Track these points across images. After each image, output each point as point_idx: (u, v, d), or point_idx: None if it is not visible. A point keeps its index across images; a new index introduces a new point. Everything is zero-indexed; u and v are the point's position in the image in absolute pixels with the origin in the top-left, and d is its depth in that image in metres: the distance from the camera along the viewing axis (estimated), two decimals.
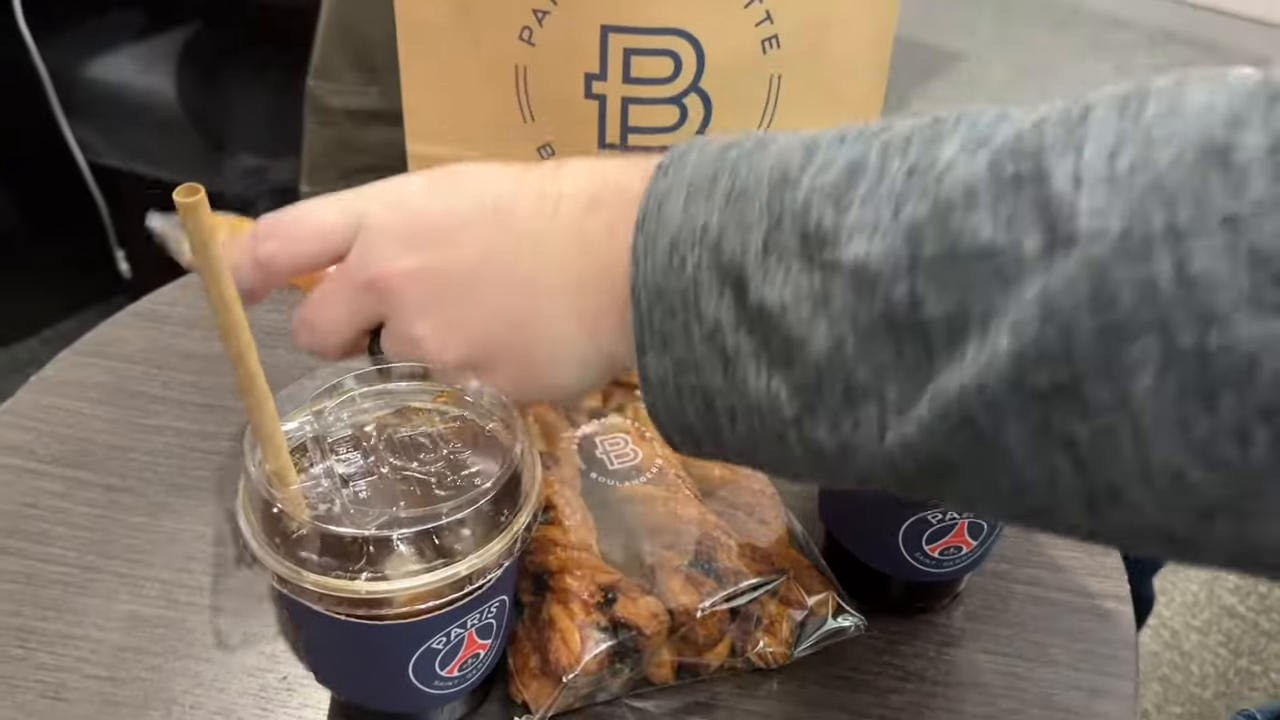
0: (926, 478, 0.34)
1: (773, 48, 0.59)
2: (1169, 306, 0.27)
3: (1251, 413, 0.27)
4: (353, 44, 1.02)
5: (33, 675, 0.52)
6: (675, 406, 0.39)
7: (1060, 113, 0.31)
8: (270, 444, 0.42)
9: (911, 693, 0.54)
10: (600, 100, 0.59)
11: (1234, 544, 0.29)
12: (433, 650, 0.45)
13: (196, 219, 0.35)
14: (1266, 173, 0.26)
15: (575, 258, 0.43)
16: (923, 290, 0.31)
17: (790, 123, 0.61)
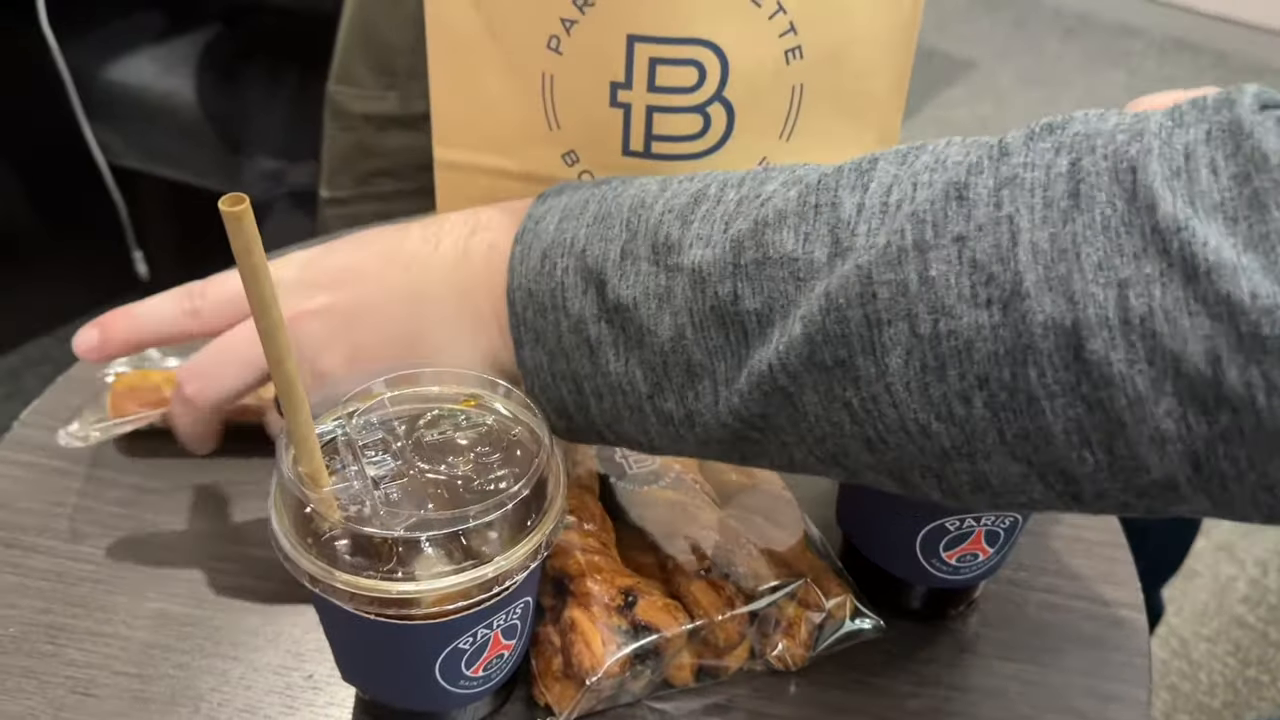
0: (751, 436, 0.43)
1: (795, 58, 0.60)
2: (913, 301, 0.37)
3: (971, 381, 0.36)
4: (373, 50, 1.03)
5: (63, 671, 0.53)
6: (551, 390, 0.48)
7: (854, 163, 0.41)
8: (304, 446, 0.43)
9: (928, 697, 0.55)
10: (625, 108, 0.60)
11: (970, 477, 0.39)
12: (459, 650, 0.46)
13: (240, 227, 0.36)
14: (988, 204, 0.36)
15: (456, 271, 0.51)
16: (741, 289, 0.41)
17: (811, 131, 0.62)
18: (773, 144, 0.62)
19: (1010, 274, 0.35)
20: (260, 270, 0.37)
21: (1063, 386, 0.35)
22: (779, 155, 0.63)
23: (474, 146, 0.63)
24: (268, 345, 0.39)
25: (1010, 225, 0.35)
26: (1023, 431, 0.36)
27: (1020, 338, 0.35)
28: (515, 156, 0.63)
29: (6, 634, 0.54)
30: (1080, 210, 0.34)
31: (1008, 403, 0.36)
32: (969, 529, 0.53)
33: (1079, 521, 0.65)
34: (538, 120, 0.61)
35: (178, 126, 1.29)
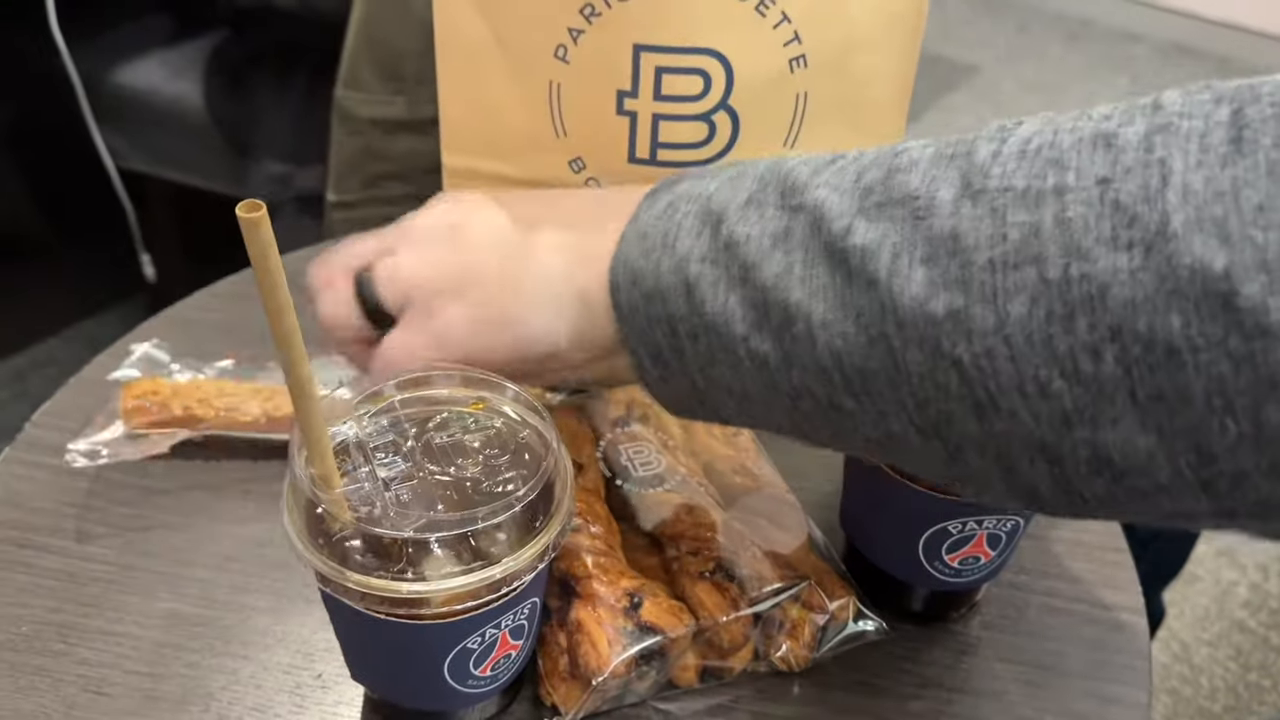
0: (845, 405, 0.40)
1: (800, 67, 0.60)
2: (1045, 244, 0.34)
3: (1102, 332, 0.33)
4: (380, 55, 1.03)
5: (74, 670, 0.54)
6: (646, 334, 0.45)
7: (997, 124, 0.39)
8: (316, 448, 0.43)
9: (930, 699, 0.55)
10: (631, 117, 0.61)
11: (1090, 452, 0.35)
12: (468, 650, 0.47)
13: (257, 233, 0.36)
14: (1138, 149, 0.33)
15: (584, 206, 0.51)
16: (855, 224, 0.38)
17: (815, 138, 0.63)
18: (777, 152, 0.63)
19: (1157, 214, 0.32)
20: (276, 275, 0.37)
21: (1207, 339, 0.31)
22: None
23: (481, 153, 0.63)
24: (284, 348, 0.39)
25: (1161, 168, 0.32)
26: (1157, 392, 0.32)
27: (1163, 283, 0.32)
28: (521, 163, 0.63)
29: (19, 633, 0.55)
30: (1242, 155, 0.31)
31: (1142, 357, 0.32)
32: (971, 532, 0.53)
33: (1079, 525, 0.65)
34: (544, 128, 0.62)
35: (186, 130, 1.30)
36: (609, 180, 0.63)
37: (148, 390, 0.64)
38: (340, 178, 1.10)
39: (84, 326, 1.67)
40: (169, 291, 0.78)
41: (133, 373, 0.66)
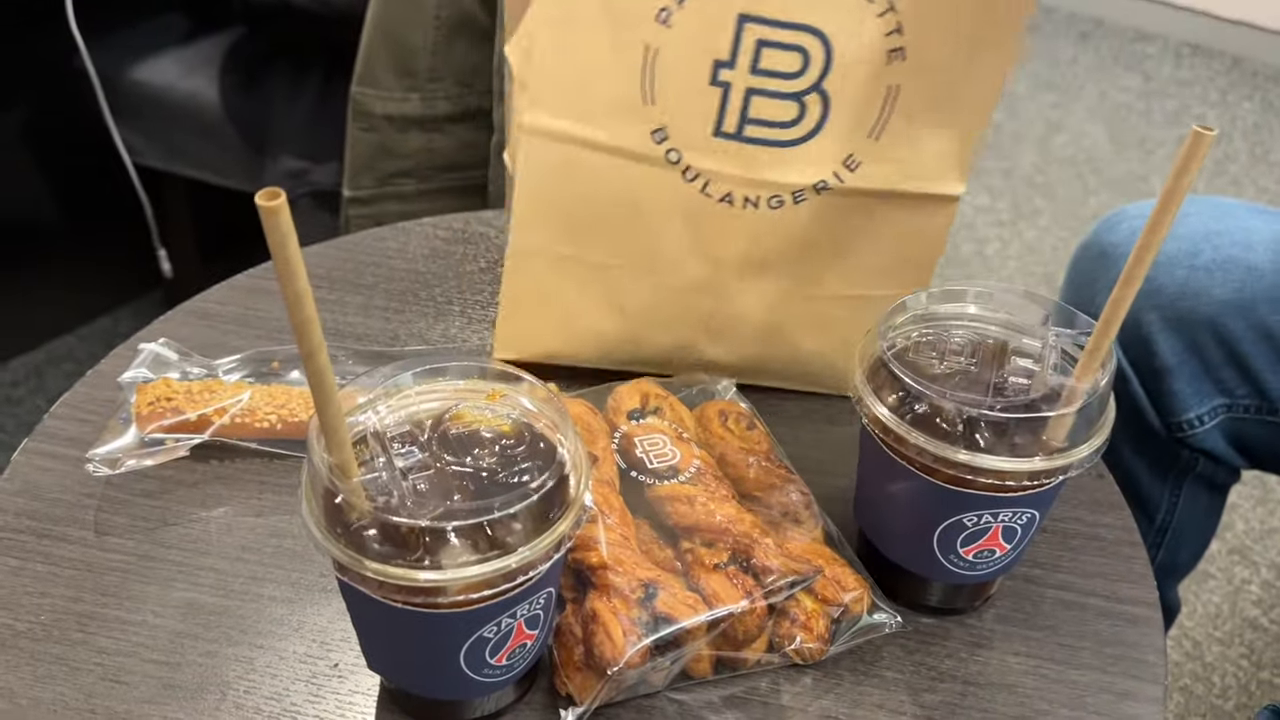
0: None
1: (898, 59, 0.61)
2: None
3: None
4: (395, 52, 1.04)
5: (93, 659, 0.54)
6: None
7: None
8: (334, 437, 0.43)
9: (944, 692, 0.55)
10: (724, 88, 0.61)
11: None
12: (484, 639, 0.47)
13: (276, 221, 0.36)
14: None
15: None
16: None
17: (899, 132, 0.63)
18: (861, 142, 0.63)
19: None
20: (295, 263, 0.38)
21: None
22: (865, 153, 0.64)
23: (564, 114, 0.63)
24: (301, 338, 0.40)
25: None
26: None
27: None
28: (606, 128, 0.63)
29: (38, 622, 0.55)
30: None
31: None
32: (986, 525, 0.53)
33: (1095, 519, 0.65)
34: (633, 93, 0.62)
35: (202, 127, 1.30)
36: (689, 153, 0.63)
37: (161, 394, 0.64)
38: (355, 174, 1.10)
39: (101, 323, 1.67)
40: (185, 287, 0.78)
41: (142, 372, 0.66)
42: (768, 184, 0.64)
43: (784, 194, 0.64)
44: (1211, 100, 2.68)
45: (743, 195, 0.65)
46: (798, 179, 0.64)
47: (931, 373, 0.54)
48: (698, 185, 0.64)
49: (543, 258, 0.68)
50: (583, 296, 0.69)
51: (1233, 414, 0.90)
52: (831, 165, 0.64)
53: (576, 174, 0.64)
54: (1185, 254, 0.88)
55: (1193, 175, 0.45)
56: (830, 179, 0.64)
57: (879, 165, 0.64)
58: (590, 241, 0.67)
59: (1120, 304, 0.48)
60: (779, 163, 0.64)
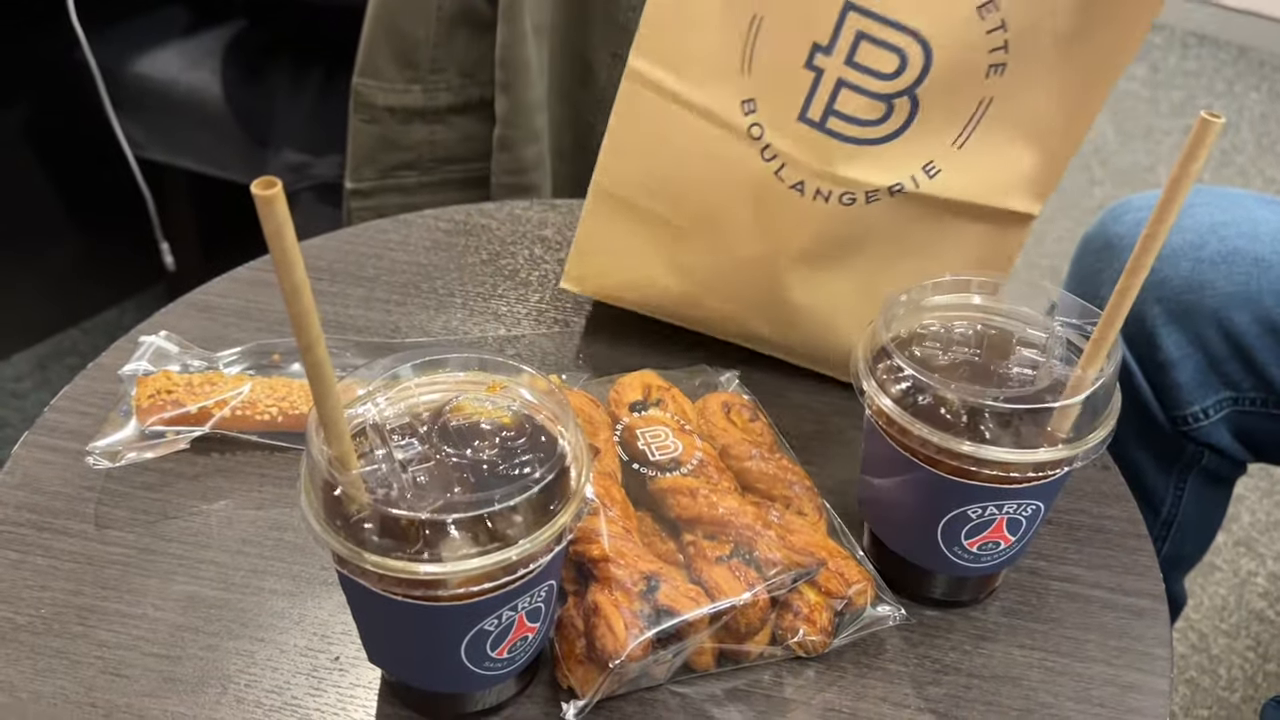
0: None
1: (996, 74, 0.60)
2: None
3: None
4: (396, 43, 1.03)
5: (93, 652, 0.54)
6: None
7: None
8: (333, 430, 0.43)
9: (948, 685, 0.55)
10: (817, 73, 0.61)
11: None
12: (484, 632, 0.47)
13: (272, 211, 0.36)
14: None
15: None
16: None
17: (984, 144, 0.62)
18: (944, 150, 0.62)
19: None
20: (291, 253, 0.37)
21: None
22: (946, 161, 0.62)
23: (665, 64, 0.64)
24: (299, 330, 0.39)
25: None
26: None
27: None
28: (701, 88, 0.64)
29: (38, 615, 0.55)
30: None
31: None
32: (990, 517, 0.53)
33: (1100, 511, 0.65)
34: (733, 59, 0.62)
35: (204, 120, 1.30)
36: (772, 132, 0.63)
37: (161, 387, 0.63)
38: (357, 166, 1.10)
39: (104, 316, 1.67)
40: (188, 281, 0.78)
41: (143, 365, 0.66)
42: (842, 180, 0.63)
43: (857, 192, 0.63)
44: (1218, 90, 2.66)
45: (815, 187, 0.64)
46: (874, 179, 0.63)
47: (936, 363, 0.53)
48: (773, 166, 0.64)
49: (619, 202, 0.69)
50: (649, 248, 0.70)
51: (1239, 407, 0.89)
52: (910, 169, 0.63)
53: (663, 127, 0.65)
54: (1190, 246, 0.88)
55: (1200, 163, 0.44)
56: (907, 182, 0.63)
57: (958, 175, 0.63)
58: (663, 197, 0.68)
59: (1126, 294, 0.48)
60: (856, 160, 0.62)
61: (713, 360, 0.72)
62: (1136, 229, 0.91)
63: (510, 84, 1.03)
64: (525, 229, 0.84)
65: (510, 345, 0.74)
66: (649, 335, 0.75)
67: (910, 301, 0.56)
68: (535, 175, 1.09)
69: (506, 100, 1.04)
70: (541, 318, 0.76)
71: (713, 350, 0.74)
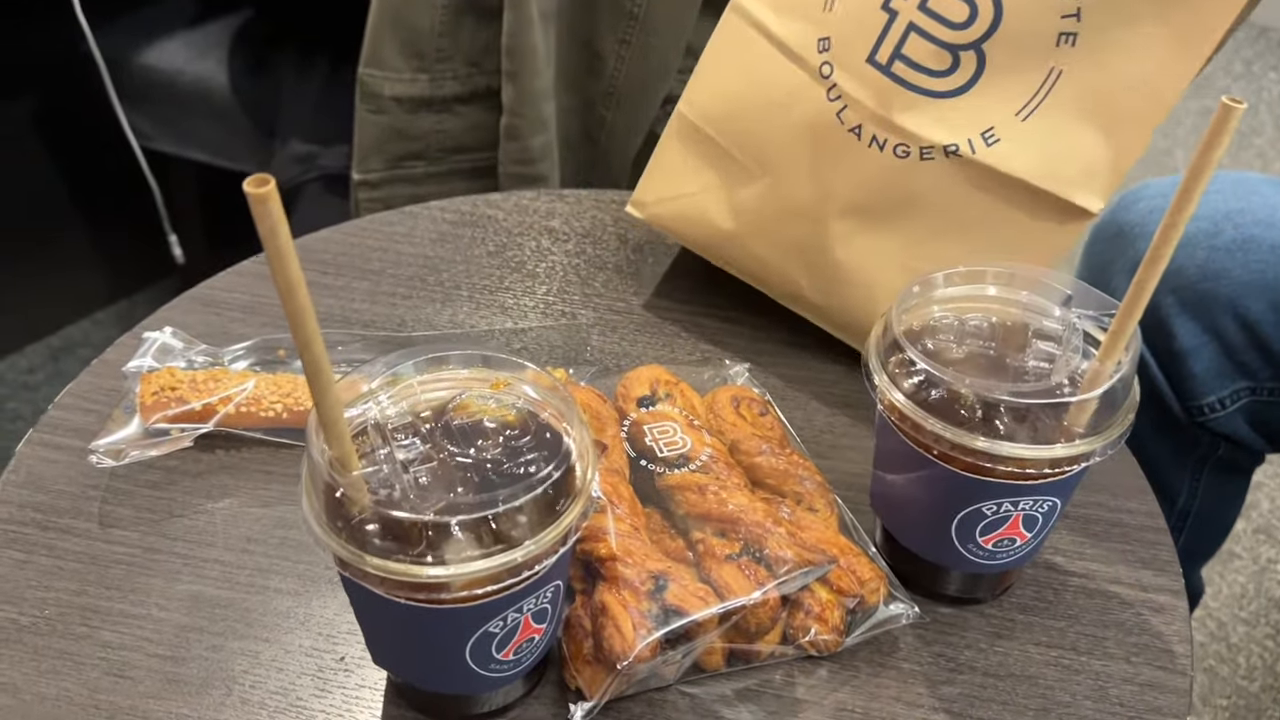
0: None
1: (1067, 44, 0.59)
2: None
3: None
4: (402, 33, 1.02)
5: (97, 653, 0.53)
6: None
7: None
8: (333, 429, 0.42)
9: (963, 683, 0.54)
10: (891, 15, 0.62)
11: None
12: (489, 634, 0.46)
13: (266, 209, 0.35)
14: None
15: None
16: None
17: (1050, 120, 0.61)
18: (1006, 118, 0.62)
19: None
20: (286, 251, 0.36)
21: None
22: (1008, 131, 0.62)
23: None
24: (296, 328, 0.39)
25: None
26: None
27: None
28: (787, 23, 0.66)
29: (42, 616, 0.55)
30: None
31: None
32: (1006, 514, 0.52)
33: (1117, 505, 0.63)
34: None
35: (211, 111, 1.29)
36: (840, 72, 0.64)
37: (165, 384, 0.63)
38: (364, 157, 1.09)
39: (115, 309, 1.67)
40: (197, 273, 0.77)
41: (147, 361, 0.65)
42: (898, 129, 0.63)
43: (911, 145, 0.64)
44: (1236, 72, 2.63)
45: (871, 133, 0.64)
46: (930, 134, 0.63)
47: (949, 356, 0.52)
48: (836, 107, 0.65)
49: (694, 132, 0.72)
50: (710, 183, 0.72)
51: (1256, 397, 0.88)
52: (968, 131, 0.62)
53: (748, 60, 0.68)
54: (1205, 234, 0.86)
55: (1221, 149, 0.43)
56: (963, 144, 0.62)
57: (1018, 148, 0.62)
58: (731, 132, 0.70)
59: (1145, 284, 0.47)
60: (915, 109, 0.63)
61: (722, 355, 0.71)
62: (1148, 217, 0.90)
63: (517, 72, 1.02)
64: (532, 220, 0.83)
65: (517, 338, 0.73)
66: (657, 328, 0.74)
67: (923, 292, 0.55)
68: (543, 165, 1.08)
69: (513, 89, 1.03)
70: (549, 310, 0.76)
71: (722, 346, 0.73)
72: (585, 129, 1.16)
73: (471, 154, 1.11)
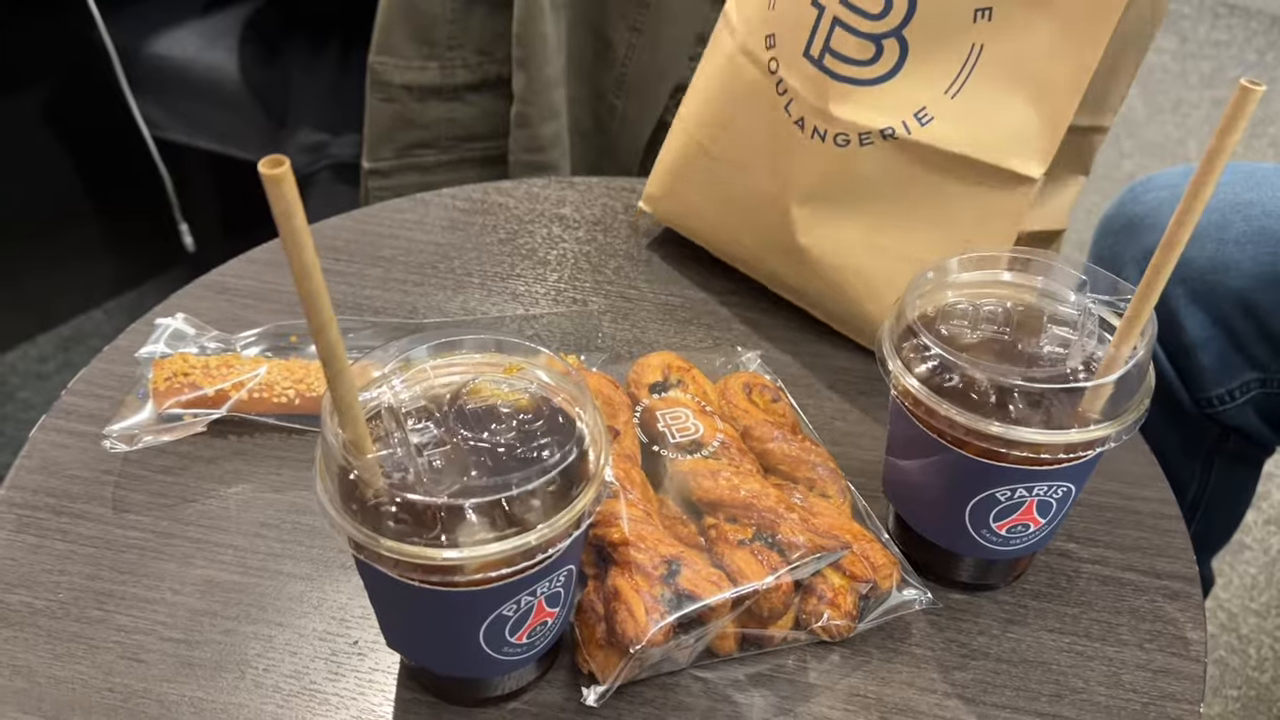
0: None
1: (984, 19, 0.61)
2: None
3: None
4: (413, 21, 1.02)
5: (112, 637, 0.53)
6: None
7: None
8: (348, 413, 0.42)
9: (976, 669, 0.54)
10: (820, 11, 0.64)
11: None
12: (503, 617, 0.46)
13: (281, 190, 0.35)
14: None
15: None
16: None
17: (979, 96, 0.62)
18: (936, 96, 0.63)
19: None
20: (301, 233, 0.36)
21: None
22: (939, 109, 0.63)
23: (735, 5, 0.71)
24: (310, 311, 0.39)
25: None
26: None
27: None
28: (742, 20, 0.70)
29: (56, 600, 0.55)
30: None
31: None
32: (1020, 499, 0.52)
33: (1131, 492, 0.63)
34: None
35: (221, 100, 1.29)
36: (785, 68, 0.67)
37: (178, 370, 0.63)
38: (374, 145, 1.09)
39: (126, 298, 1.68)
40: (208, 261, 0.77)
41: (160, 348, 0.65)
42: (835, 119, 0.65)
43: (850, 133, 0.65)
44: (1249, 61, 2.62)
45: (813, 125, 0.66)
46: (864, 120, 0.65)
47: (963, 342, 0.52)
48: (784, 100, 0.68)
49: (686, 133, 0.75)
50: (700, 178, 0.75)
51: (1266, 389, 0.87)
52: (901, 114, 0.64)
53: (723, 65, 0.72)
54: (1215, 226, 0.85)
55: (1239, 133, 0.43)
56: (898, 127, 0.64)
57: (952, 125, 0.63)
58: (710, 131, 0.73)
59: (1161, 269, 0.46)
60: (848, 99, 0.65)
61: (734, 342, 0.70)
62: (1158, 208, 0.89)
63: (527, 60, 1.02)
64: (543, 207, 0.83)
65: (528, 325, 0.73)
66: (668, 315, 0.74)
67: (937, 278, 0.55)
68: (553, 153, 1.08)
69: (524, 77, 1.03)
70: (560, 297, 0.76)
71: (733, 332, 0.73)
72: (595, 117, 1.16)
73: (482, 142, 1.11)
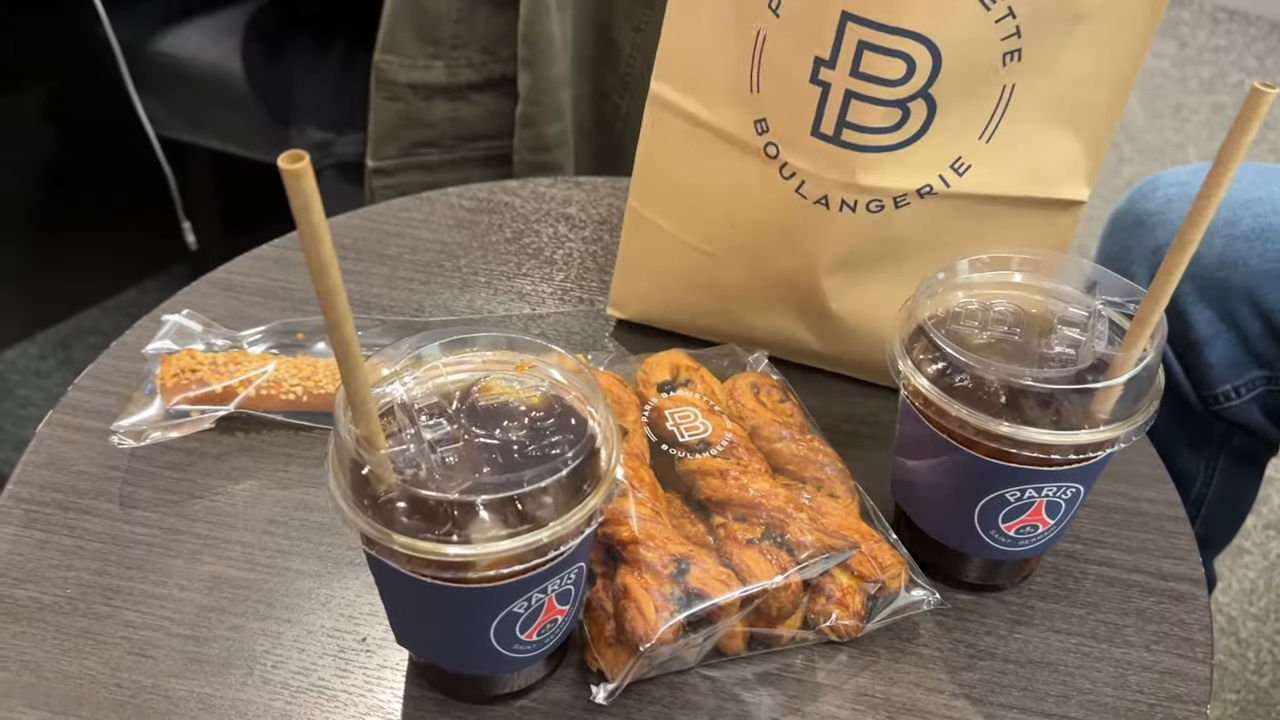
0: None
1: (1014, 60, 0.57)
2: None
3: None
4: (418, 19, 1.02)
5: (119, 632, 0.53)
6: None
7: None
8: (361, 409, 0.42)
9: (983, 670, 0.54)
10: (824, 88, 0.59)
11: None
12: (514, 614, 0.46)
13: (300, 185, 0.35)
14: None
15: None
16: None
17: (1015, 134, 0.60)
18: (971, 144, 0.60)
19: None
20: (319, 229, 0.36)
21: None
22: (975, 156, 0.60)
23: (683, 88, 0.63)
24: (326, 307, 0.39)
25: None
26: None
27: None
28: (715, 110, 0.63)
29: (64, 595, 0.55)
30: None
31: None
32: (1029, 500, 0.52)
33: (1137, 494, 0.63)
34: (742, 80, 0.61)
35: (226, 98, 1.29)
36: (787, 150, 0.62)
37: (186, 366, 0.63)
38: (379, 144, 1.09)
39: (126, 295, 1.67)
40: (210, 260, 0.77)
41: (166, 344, 0.65)
42: (866, 189, 0.61)
43: (884, 198, 0.61)
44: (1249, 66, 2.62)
45: (839, 198, 0.61)
46: (899, 184, 0.61)
47: (974, 342, 0.52)
48: (793, 184, 0.62)
49: (652, 225, 0.69)
50: (684, 270, 0.69)
51: (1272, 386, 0.87)
52: (937, 169, 0.60)
53: (687, 150, 0.65)
54: (1223, 223, 0.86)
55: (1252, 135, 0.43)
56: (936, 183, 0.61)
57: (990, 169, 0.60)
58: (689, 223, 0.68)
59: (1173, 271, 0.46)
60: (877, 167, 0.60)
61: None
62: (1167, 206, 0.89)
63: (533, 60, 1.02)
64: (549, 207, 0.83)
65: (535, 324, 0.73)
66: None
67: (947, 279, 0.55)
68: (559, 153, 1.08)
69: (529, 76, 1.03)
70: (566, 296, 0.76)
71: None
72: (600, 117, 1.16)
73: (486, 141, 1.11)
